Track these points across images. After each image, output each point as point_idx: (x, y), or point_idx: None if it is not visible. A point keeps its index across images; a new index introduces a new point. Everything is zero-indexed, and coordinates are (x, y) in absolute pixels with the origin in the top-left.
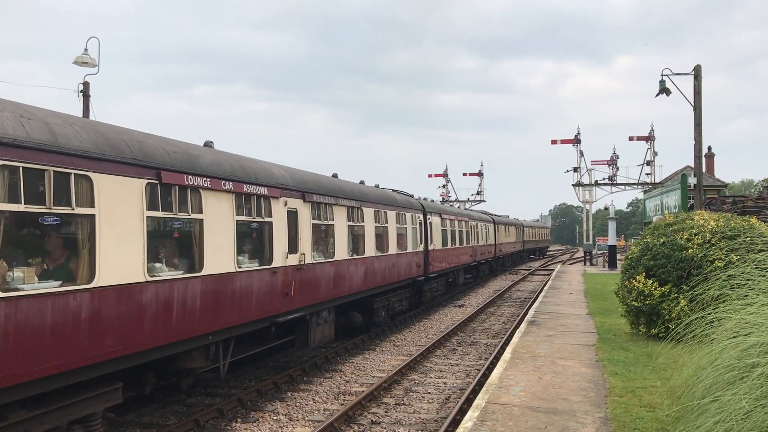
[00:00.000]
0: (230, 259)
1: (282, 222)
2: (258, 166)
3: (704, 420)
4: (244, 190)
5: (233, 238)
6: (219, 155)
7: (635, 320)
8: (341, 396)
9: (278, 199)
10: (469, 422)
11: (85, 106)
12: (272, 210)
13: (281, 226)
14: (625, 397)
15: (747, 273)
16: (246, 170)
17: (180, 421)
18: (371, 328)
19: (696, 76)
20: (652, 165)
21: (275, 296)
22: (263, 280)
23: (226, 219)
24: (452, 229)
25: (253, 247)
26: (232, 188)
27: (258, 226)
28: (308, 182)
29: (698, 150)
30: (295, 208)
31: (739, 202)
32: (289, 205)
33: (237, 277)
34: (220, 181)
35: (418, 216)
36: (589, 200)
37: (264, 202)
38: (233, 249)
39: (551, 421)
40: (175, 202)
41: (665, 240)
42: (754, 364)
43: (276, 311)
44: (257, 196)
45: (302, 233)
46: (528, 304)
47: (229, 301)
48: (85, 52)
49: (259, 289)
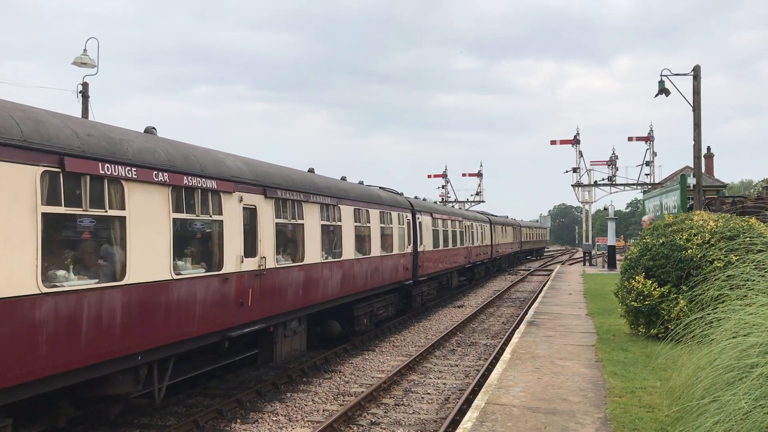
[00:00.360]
0: (164, 265)
1: (236, 221)
2: (206, 156)
3: (703, 420)
4: (185, 183)
5: (169, 240)
6: (154, 141)
7: (634, 321)
8: (340, 396)
9: (231, 194)
10: (468, 423)
11: (84, 106)
12: (223, 206)
13: (235, 225)
14: (625, 397)
15: (746, 273)
16: (189, 160)
17: (179, 421)
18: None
19: (695, 76)
20: (652, 165)
21: (227, 307)
22: (210, 289)
23: (160, 217)
24: (445, 229)
25: (198, 250)
26: (168, 180)
27: (204, 226)
28: (272, 176)
29: (697, 150)
30: (254, 205)
31: (738, 203)
32: (245, 201)
33: (174, 286)
34: (152, 171)
35: (406, 215)
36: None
37: (212, 197)
38: (168, 253)
39: (551, 421)
40: (86, 195)
41: (665, 240)
42: (754, 364)
43: (228, 324)
44: (203, 190)
45: (263, 234)
46: (527, 305)
47: (164, 315)
48: (84, 52)
49: (204, 299)
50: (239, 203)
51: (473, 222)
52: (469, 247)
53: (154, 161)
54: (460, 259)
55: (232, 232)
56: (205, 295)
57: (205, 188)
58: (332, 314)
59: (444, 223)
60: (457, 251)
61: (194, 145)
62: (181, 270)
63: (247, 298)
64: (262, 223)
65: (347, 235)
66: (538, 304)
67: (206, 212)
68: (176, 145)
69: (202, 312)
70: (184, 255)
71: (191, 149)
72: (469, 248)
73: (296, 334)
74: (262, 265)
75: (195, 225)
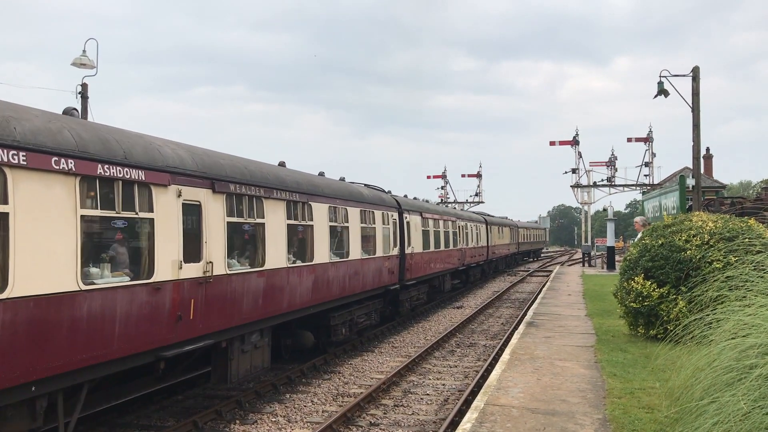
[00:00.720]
0: (68, 273)
1: (172, 219)
2: (134, 141)
3: (703, 421)
4: (101, 173)
5: (75, 242)
6: (61, 122)
7: (634, 321)
8: (340, 397)
9: (166, 188)
10: (467, 424)
11: (84, 107)
12: (155, 202)
13: (171, 224)
14: (624, 398)
15: (745, 274)
16: (108, 145)
17: (178, 422)
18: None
19: (694, 77)
20: (651, 166)
21: (160, 321)
22: (136, 301)
23: (62, 214)
24: (436, 229)
25: (120, 254)
26: (75, 168)
27: (128, 225)
28: (223, 167)
29: (696, 151)
30: (198, 201)
31: (737, 204)
32: (186, 196)
33: (82, 299)
34: (51, 157)
35: (392, 215)
36: (587, 201)
37: (140, 190)
38: (75, 258)
39: (550, 422)
40: None
41: (664, 241)
42: (753, 365)
43: (162, 342)
44: (127, 181)
45: (210, 234)
46: (527, 306)
47: (68, 334)
48: (84, 53)
49: (128, 313)
50: (177, 198)
51: (468, 222)
52: (463, 249)
53: (56, 145)
54: (454, 261)
55: (166, 233)
56: (129, 309)
57: (129, 179)
58: (305, 324)
59: (435, 223)
60: (449, 253)
61: (122, 129)
62: (95, 279)
63: (188, 311)
64: (209, 223)
65: (320, 236)
66: (537, 305)
67: (130, 209)
68: (93, 128)
69: (124, 329)
70: (101, 261)
71: (114, 133)
72: (463, 250)
73: (257, 349)
74: (209, 272)
75: (115, 224)
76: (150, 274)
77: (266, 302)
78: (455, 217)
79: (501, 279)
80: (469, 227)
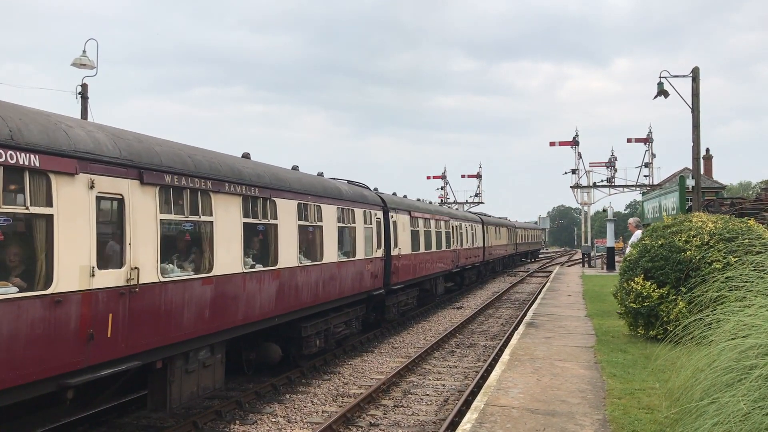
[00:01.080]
0: None
1: (81, 215)
2: (27, 118)
3: (703, 422)
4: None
5: None
6: None
7: (634, 322)
8: (339, 398)
9: (72, 177)
10: (467, 424)
11: (84, 107)
12: (54, 194)
13: (78, 222)
14: (624, 399)
15: (745, 275)
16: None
17: (178, 423)
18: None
19: (694, 78)
20: (651, 167)
21: (62, 342)
22: (27, 318)
23: None
24: (427, 229)
25: (4, 260)
26: None
27: (14, 223)
28: (156, 154)
29: (696, 152)
30: (120, 194)
31: (737, 204)
32: (102, 187)
33: None
34: None
35: (376, 213)
36: (587, 202)
37: (33, 179)
38: None
39: (550, 423)
40: None
41: (664, 242)
42: (753, 365)
43: (67, 367)
44: (10, 167)
45: (136, 235)
46: (526, 306)
47: None
48: (84, 53)
49: (15, 333)
50: (89, 190)
51: (462, 222)
52: (457, 250)
53: None
54: (447, 263)
55: (71, 233)
56: (16, 327)
57: (15, 166)
58: (271, 336)
59: (426, 222)
60: (442, 254)
61: (18, 104)
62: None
63: (105, 327)
64: (136, 221)
65: (286, 237)
66: (537, 306)
67: (17, 202)
68: None
69: (7, 354)
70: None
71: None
72: (458, 251)
73: (207, 368)
74: (133, 280)
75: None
76: (48, 283)
77: (216, 313)
78: (448, 217)
79: (501, 279)
80: (464, 227)
